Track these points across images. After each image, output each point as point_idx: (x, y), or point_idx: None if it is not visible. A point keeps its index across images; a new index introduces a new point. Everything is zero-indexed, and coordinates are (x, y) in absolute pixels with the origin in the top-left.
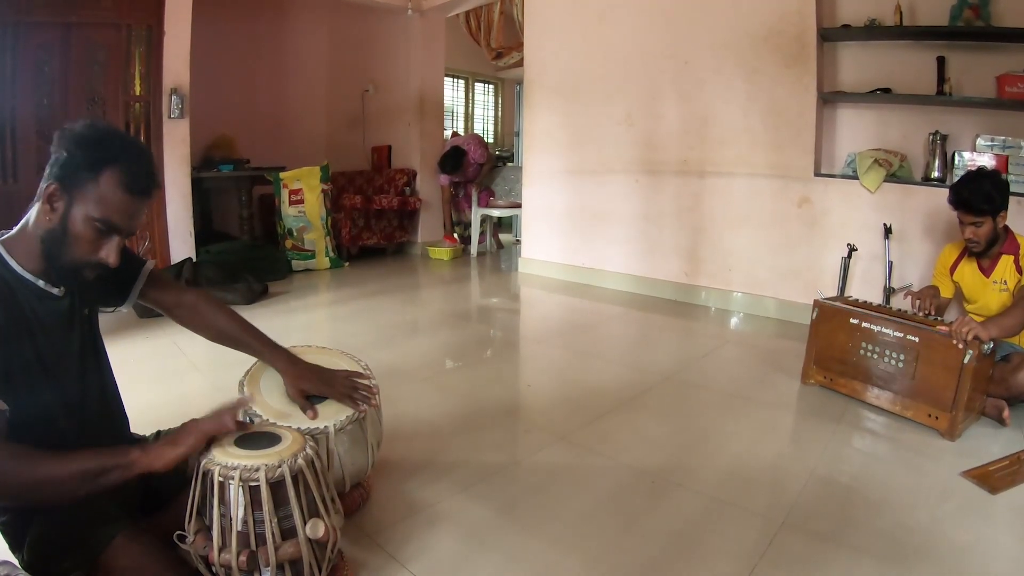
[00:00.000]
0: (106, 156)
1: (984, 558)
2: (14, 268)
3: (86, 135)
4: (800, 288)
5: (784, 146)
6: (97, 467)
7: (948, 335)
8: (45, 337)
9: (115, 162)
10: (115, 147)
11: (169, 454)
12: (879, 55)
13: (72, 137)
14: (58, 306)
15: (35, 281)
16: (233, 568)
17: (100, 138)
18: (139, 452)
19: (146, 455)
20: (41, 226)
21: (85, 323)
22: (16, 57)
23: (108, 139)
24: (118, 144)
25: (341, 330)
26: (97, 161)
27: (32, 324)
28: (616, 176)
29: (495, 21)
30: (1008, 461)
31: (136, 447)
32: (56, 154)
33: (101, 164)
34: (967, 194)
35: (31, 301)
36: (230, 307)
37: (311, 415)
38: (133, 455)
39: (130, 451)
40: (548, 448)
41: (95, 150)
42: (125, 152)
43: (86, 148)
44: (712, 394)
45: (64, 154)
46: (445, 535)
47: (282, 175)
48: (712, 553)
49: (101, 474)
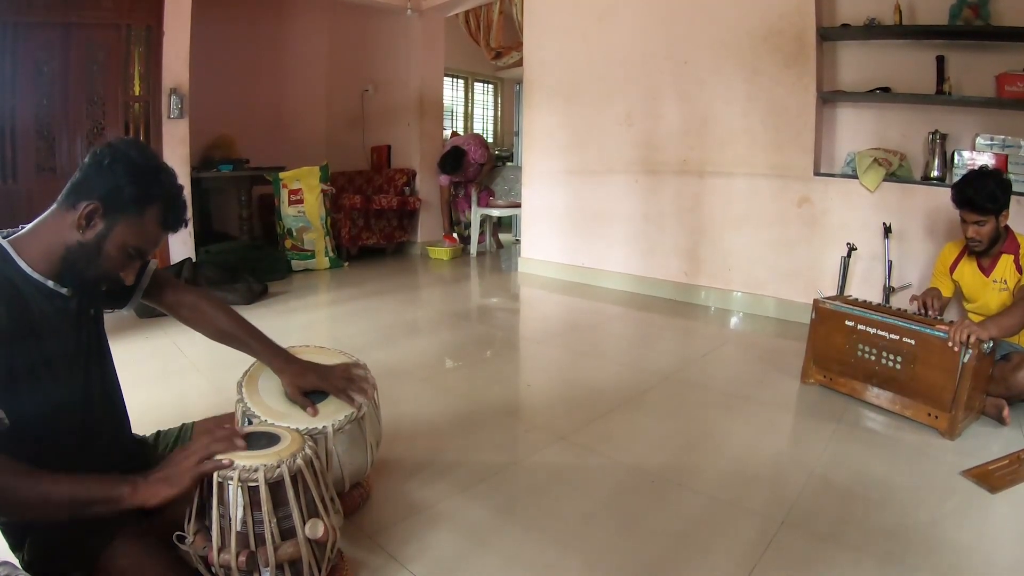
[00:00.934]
0: (156, 193)
1: (984, 557)
2: (23, 269)
3: (140, 167)
4: (800, 288)
5: (784, 146)
6: (86, 497)
7: (946, 336)
8: (52, 336)
9: (161, 200)
10: (164, 185)
11: (162, 493)
12: (879, 54)
13: (127, 166)
14: (66, 305)
15: (44, 282)
16: (232, 568)
17: (153, 174)
18: (130, 489)
19: (136, 493)
20: (67, 236)
21: (91, 323)
22: (16, 57)
23: (159, 176)
24: (167, 183)
25: (341, 330)
26: (147, 198)
27: (39, 323)
28: (616, 176)
29: (494, 21)
30: (1008, 460)
31: (128, 483)
32: (102, 174)
33: (150, 201)
34: (971, 192)
35: (39, 301)
36: (230, 307)
37: (312, 412)
38: (124, 491)
39: (122, 486)
40: (548, 448)
41: (148, 187)
42: (171, 191)
43: (139, 183)
44: (712, 394)
45: (115, 181)
46: (445, 535)
47: (282, 175)
48: (712, 553)
49: (89, 504)
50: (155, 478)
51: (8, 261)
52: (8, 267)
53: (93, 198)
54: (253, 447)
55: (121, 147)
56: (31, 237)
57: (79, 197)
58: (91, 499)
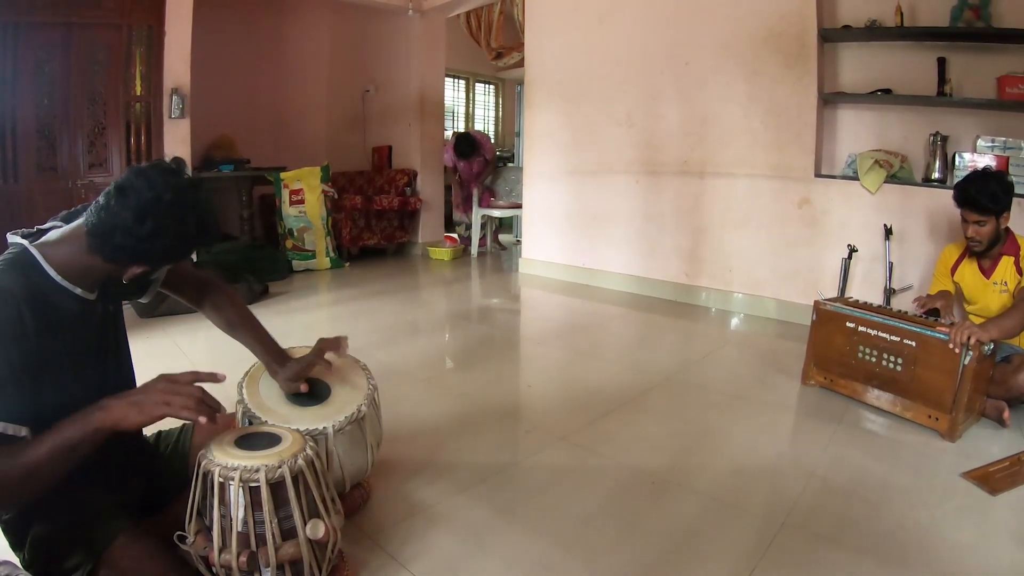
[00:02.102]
0: (201, 243)
1: (984, 559)
2: (51, 275)
3: (195, 230)
4: (800, 289)
5: (784, 147)
6: (65, 442)
7: (947, 338)
8: (76, 338)
9: (193, 247)
10: (206, 233)
11: (132, 418)
12: (879, 56)
13: (170, 229)
14: (93, 308)
15: (72, 288)
16: (233, 568)
17: (202, 230)
18: (102, 414)
19: (109, 414)
20: (111, 276)
21: (111, 320)
22: (17, 57)
23: (205, 228)
24: (207, 229)
25: (341, 331)
26: (183, 253)
27: (66, 327)
28: (617, 177)
29: (495, 21)
30: (1008, 462)
31: (97, 408)
32: (144, 241)
33: (185, 253)
34: (974, 192)
35: (66, 304)
36: (241, 300)
37: (303, 388)
38: (96, 417)
39: (93, 414)
40: (548, 449)
41: (198, 243)
42: (207, 235)
43: (193, 244)
44: (712, 395)
45: (160, 246)
46: (445, 535)
47: (283, 175)
48: (712, 554)
49: (72, 448)
50: (127, 400)
51: (36, 267)
52: (35, 273)
53: (140, 264)
54: (254, 448)
55: (167, 204)
56: (61, 247)
57: (120, 258)
58: (71, 441)
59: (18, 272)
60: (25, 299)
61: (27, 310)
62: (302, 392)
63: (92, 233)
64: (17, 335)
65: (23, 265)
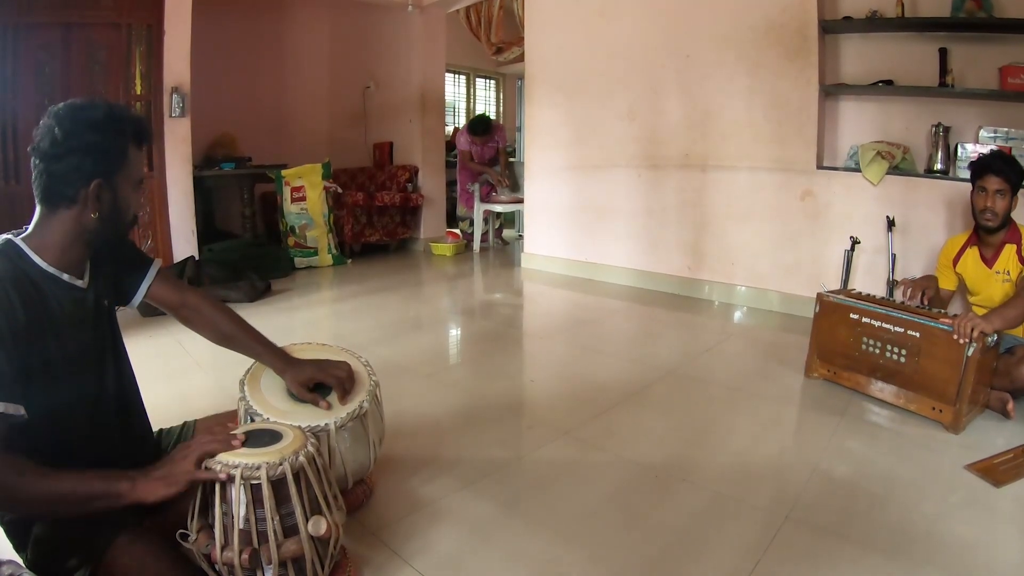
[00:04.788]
0: (129, 132)
1: (989, 551)
2: (39, 264)
3: (101, 121)
4: (803, 281)
5: (786, 139)
6: (86, 493)
7: (951, 329)
8: (70, 329)
9: (132, 133)
10: (127, 121)
11: (159, 492)
12: (881, 47)
13: (92, 129)
14: (84, 298)
15: (60, 275)
16: (236, 566)
17: (114, 119)
18: (128, 485)
19: (135, 489)
20: (83, 222)
21: (106, 317)
22: (17, 58)
23: (116, 116)
24: (127, 117)
25: (344, 327)
26: (126, 141)
27: (57, 317)
28: (619, 171)
29: (495, 16)
30: (1012, 454)
31: (126, 479)
32: (77, 152)
33: (128, 141)
34: (1000, 163)
35: (58, 295)
36: (231, 309)
37: (324, 406)
38: (123, 488)
39: (120, 483)
40: (551, 443)
41: (121, 133)
42: (131, 121)
43: (115, 135)
44: (716, 388)
45: (96, 149)
46: (448, 531)
47: (284, 172)
48: (716, 547)
49: (89, 500)
50: (154, 476)
51: (23, 257)
52: (23, 262)
53: (90, 178)
54: (255, 445)
55: (67, 117)
56: (38, 236)
57: (71, 185)
58: (91, 495)
59: (5, 260)
60: (13, 284)
61: (14, 292)
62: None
63: (41, 194)
64: (6, 312)
65: (9, 254)
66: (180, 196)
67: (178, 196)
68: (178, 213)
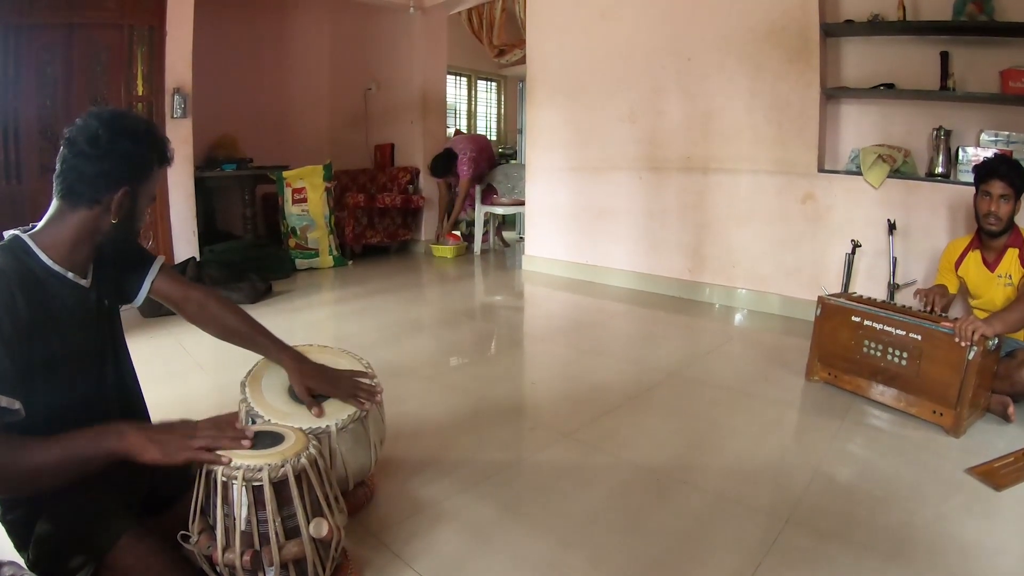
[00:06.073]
0: (159, 149)
1: (989, 555)
2: (44, 261)
3: (142, 133)
4: (804, 284)
5: (788, 142)
6: (77, 455)
7: (952, 332)
8: (72, 327)
9: (161, 151)
10: (160, 140)
11: (154, 456)
12: (882, 50)
13: (133, 139)
14: (86, 297)
15: (65, 273)
16: (237, 568)
17: (150, 134)
18: (117, 438)
19: (124, 440)
20: (100, 225)
21: (108, 316)
22: (19, 59)
23: (157, 135)
24: (161, 136)
25: (345, 328)
26: (155, 158)
27: (59, 314)
28: (620, 173)
29: (497, 18)
30: (1013, 457)
31: (114, 433)
32: (114, 157)
33: (156, 158)
34: (1006, 168)
35: (60, 292)
36: (236, 305)
37: (317, 412)
38: (111, 442)
39: (108, 438)
40: (552, 446)
41: (156, 150)
42: (162, 140)
43: (153, 149)
44: (717, 391)
45: (133, 159)
46: (449, 533)
47: (285, 174)
48: (717, 550)
49: (83, 462)
50: (152, 437)
51: (29, 254)
52: (29, 259)
53: (119, 184)
54: (257, 446)
55: (112, 121)
56: (48, 232)
57: (98, 188)
58: (81, 456)
59: (11, 256)
60: (17, 281)
61: (19, 291)
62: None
63: (64, 190)
64: (9, 308)
65: (16, 250)
66: (181, 197)
67: (179, 197)
68: (179, 214)
